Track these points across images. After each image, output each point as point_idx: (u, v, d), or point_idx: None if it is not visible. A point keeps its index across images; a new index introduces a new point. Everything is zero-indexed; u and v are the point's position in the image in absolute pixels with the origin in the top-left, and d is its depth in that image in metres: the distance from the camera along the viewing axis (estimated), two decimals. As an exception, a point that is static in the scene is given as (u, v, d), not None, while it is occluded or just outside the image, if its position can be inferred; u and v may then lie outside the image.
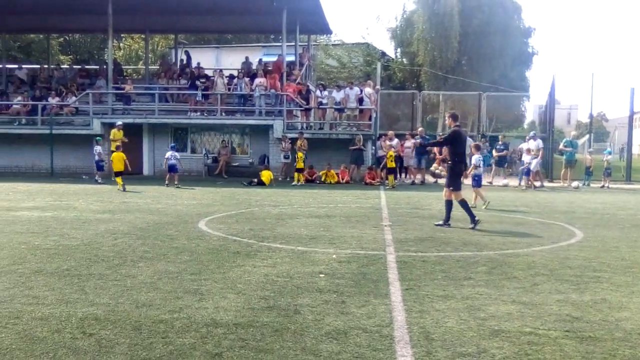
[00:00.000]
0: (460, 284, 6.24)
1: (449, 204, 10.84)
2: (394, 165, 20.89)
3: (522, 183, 21.69)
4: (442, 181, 13.07)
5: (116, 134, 22.30)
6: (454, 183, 10.75)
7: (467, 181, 13.52)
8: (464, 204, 10.72)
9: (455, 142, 10.77)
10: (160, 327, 4.70)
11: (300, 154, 21.63)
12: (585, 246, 8.79)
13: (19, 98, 26.85)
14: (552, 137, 26.26)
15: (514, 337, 4.57)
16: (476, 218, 10.54)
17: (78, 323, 4.77)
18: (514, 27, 40.60)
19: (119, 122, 22.47)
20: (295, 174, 21.68)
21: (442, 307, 5.36)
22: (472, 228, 10.34)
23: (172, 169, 19.72)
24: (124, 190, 17.21)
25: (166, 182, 19.40)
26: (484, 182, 17.76)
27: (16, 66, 33.10)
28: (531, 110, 76.82)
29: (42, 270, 6.61)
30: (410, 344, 4.36)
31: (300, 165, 21.69)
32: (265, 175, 20.55)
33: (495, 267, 7.13)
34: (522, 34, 42.38)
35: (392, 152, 20.64)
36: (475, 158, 14.95)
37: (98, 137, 22.77)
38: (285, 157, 23.33)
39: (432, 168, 14.01)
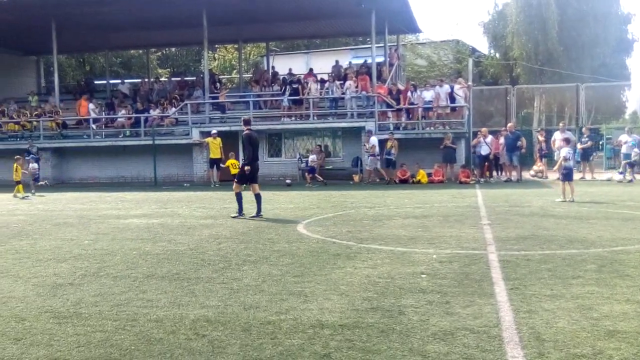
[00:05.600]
0: (568, 283, 6.04)
1: None
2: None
3: (627, 176, 20.66)
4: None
5: (212, 142, 23.12)
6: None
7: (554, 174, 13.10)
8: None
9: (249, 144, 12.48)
10: (269, 328, 4.83)
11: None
12: None
13: (123, 111, 28.27)
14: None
15: (631, 338, 4.38)
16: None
17: (191, 325, 4.97)
18: (612, 13, 38.69)
19: (214, 131, 23.30)
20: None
21: (551, 306, 5.21)
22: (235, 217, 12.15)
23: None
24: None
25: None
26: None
27: (119, 81, 34.99)
28: (634, 100, 72.63)
29: (153, 275, 6.94)
30: (521, 345, 4.27)
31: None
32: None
33: (605, 265, 6.84)
34: (620, 21, 40.35)
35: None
36: (565, 151, 14.63)
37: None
38: (371, 157, 23.29)
39: (532, 172, 13.69)
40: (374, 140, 22.81)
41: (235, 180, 12.97)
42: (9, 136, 28.86)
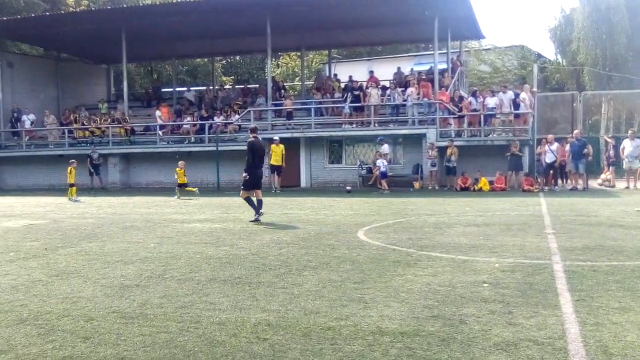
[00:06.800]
0: (637, 296, 5.82)
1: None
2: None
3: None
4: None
5: (274, 148, 23.40)
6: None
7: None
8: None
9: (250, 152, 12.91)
10: (329, 333, 4.84)
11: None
12: None
13: (189, 118, 28.96)
14: None
15: None
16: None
17: (252, 328, 5.04)
18: (685, 16, 37.11)
19: (276, 138, 23.64)
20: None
21: (620, 319, 5.04)
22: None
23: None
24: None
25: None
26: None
27: (185, 89, 35.92)
28: None
29: (216, 278, 7.06)
30: (587, 359, 4.15)
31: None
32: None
33: (677, 278, 6.57)
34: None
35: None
36: None
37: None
38: (432, 165, 23.13)
39: (600, 180, 13.29)
40: (385, 148, 23.18)
41: (242, 187, 13.36)
42: (80, 142, 29.99)
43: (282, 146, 23.67)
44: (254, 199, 13.18)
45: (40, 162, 29.98)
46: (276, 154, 23.60)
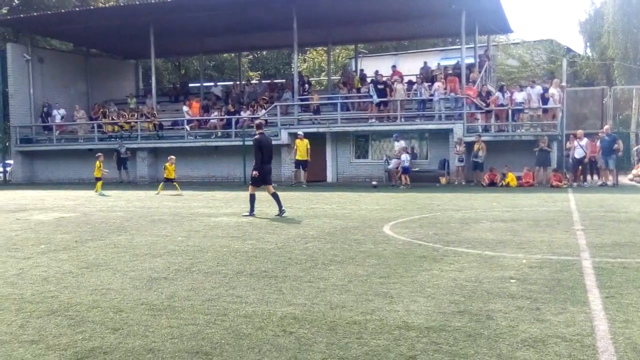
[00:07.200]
0: (669, 294, 5.73)
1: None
2: None
3: None
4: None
5: (299, 143, 23.44)
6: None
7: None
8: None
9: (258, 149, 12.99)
10: (354, 328, 4.85)
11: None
12: None
13: (215, 113, 29.14)
14: None
15: None
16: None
17: (278, 321, 5.06)
18: None
19: (300, 132, 23.70)
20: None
21: (650, 317, 4.97)
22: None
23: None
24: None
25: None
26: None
27: (212, 84, 36.16)
28: None
29: (242, 272, 7.11)
30: (617, 356, 4.09)
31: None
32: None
33: None
34: None
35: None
36: None
37: None
38: (460, 161, 22.98)
39: (631, 176, 13.08)
40: (398, 144, 23.27)
41: (250, 183, 13.44)
42: (109, 136, 30.39)
43: (306, 141, 23.71)
44: (268, 195, 13.30)
45: (71, 156, 30.47)
46: (301, 149, 23.65)
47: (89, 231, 10.99)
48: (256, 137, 13.37)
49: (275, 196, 13.10)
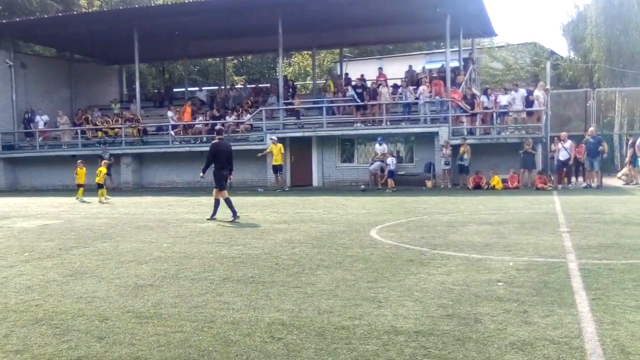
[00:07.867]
0: (654, 294, 5.77)
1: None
2: None
3: None
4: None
5: (273, 148, 23.50)
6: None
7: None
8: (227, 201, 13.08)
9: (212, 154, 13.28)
10: (343, 333, 4.83)
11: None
12: None
13: (200, 118, 29.01)
14: None
15: None
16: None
17: (266, 328, 5.03)
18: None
19: (274, 137, 24.02)
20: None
21: (637, 318, 4.99)
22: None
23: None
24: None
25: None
26: None
27: (197, 89, 36.03)
28: None
29: (229, 278, 7.06)
30: (604, 358, 4.10)
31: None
32: None
33: (695, 277, 6.50)
34: None
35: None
36: None
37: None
38: (445, 164, 23.06)
39: (620, 174, 13.18)
40: (380, 148, 23.52)
41: (215, 187, 13.65)
42: (93, 142, 30.13)
43: (280, 145, 23.73)
44: (221, 199, 13.46)
45: (54, 163, 30.15)
46: (276, 154, 23.64)
47: (74, 238, 10.88)
48: (214, 142, 13.50)
49: (217, 202, 13.39)
